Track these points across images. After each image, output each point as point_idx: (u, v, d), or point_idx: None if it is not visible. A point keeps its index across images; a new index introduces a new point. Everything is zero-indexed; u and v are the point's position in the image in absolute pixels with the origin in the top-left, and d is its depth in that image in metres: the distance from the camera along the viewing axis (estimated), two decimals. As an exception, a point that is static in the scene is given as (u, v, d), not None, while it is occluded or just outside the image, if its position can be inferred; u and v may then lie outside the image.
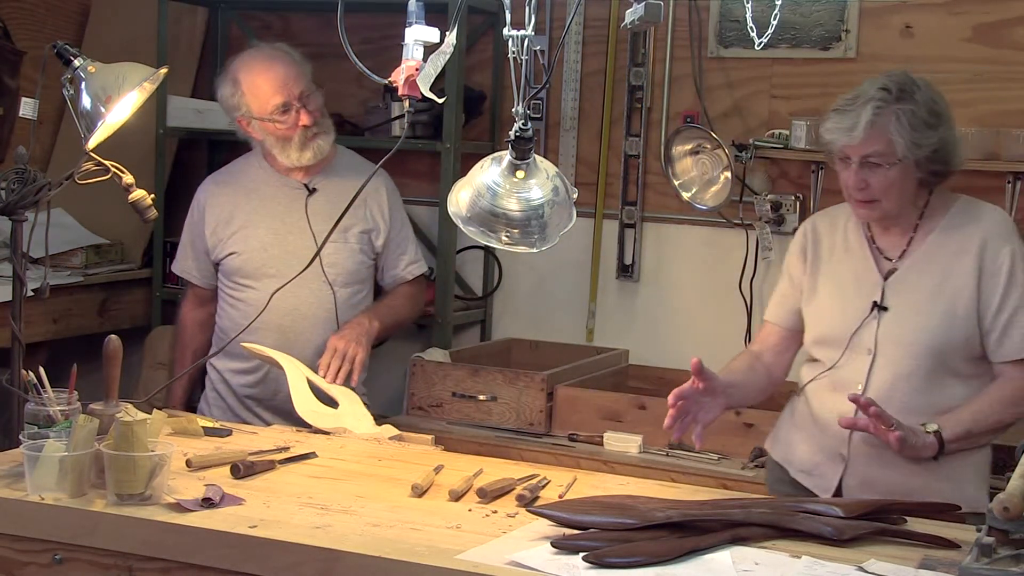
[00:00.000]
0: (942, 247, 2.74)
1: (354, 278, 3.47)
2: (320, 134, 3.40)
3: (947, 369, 2.70)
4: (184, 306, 3.66)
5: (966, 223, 2.74)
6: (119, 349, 2.53)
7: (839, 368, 2.77)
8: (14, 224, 2.67)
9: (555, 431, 3.77)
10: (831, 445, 2.77)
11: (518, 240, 2.32)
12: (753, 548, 2.10)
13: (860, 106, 2.67)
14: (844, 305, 2.79)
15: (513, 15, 2.24)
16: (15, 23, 4.56)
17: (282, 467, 2.54)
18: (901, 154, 2.65)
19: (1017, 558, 1.92)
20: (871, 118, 2.64)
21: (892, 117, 2.64)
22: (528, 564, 1.97)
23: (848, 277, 2.81)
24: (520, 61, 2.21)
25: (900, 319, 2.72)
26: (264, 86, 3.35)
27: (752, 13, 2.52)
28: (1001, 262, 2.69)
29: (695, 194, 4.03)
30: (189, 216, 3.56)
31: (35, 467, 2.24)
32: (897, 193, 2.70)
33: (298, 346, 3.34)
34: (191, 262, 3.56)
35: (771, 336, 2.98)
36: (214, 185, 3.55)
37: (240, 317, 3.42)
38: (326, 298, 3.40)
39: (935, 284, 2.72)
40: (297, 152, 3.39)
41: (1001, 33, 3.83)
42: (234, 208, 3.46)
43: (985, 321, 2.69)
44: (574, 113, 4.36)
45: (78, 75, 2.70)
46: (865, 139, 2.65)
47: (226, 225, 3.45)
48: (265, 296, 3.35)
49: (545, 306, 4.44)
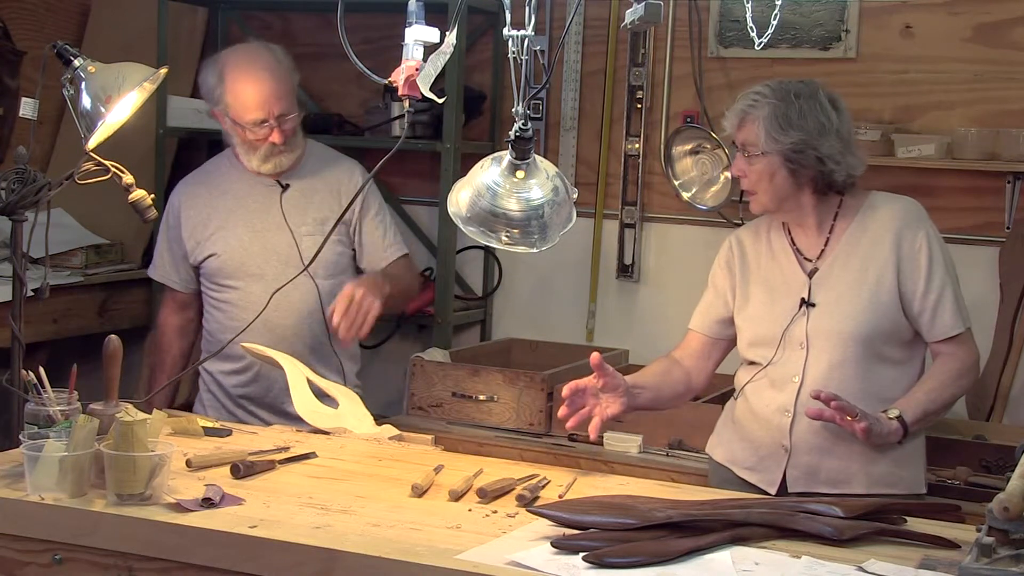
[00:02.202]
0: (858, 241, 2.84)
1: (335, 269, 3.46)
2: (286, 151, 3.39)
3: (877, 356, 2.79)
4: (163, 311, 3.63)
5: (877, 215, 2.85)
6: (119, 349, 2.53)
7: (775, 364, 2.86)
8: (14, 224, 2.66)
9: (555, 431, 3.77)
10: (773, 439, 2.85)
11: (518, 240, 2.32)
12: (753, 548, 2.10)
13: (742, 97, 2.85)
14: (774, 306, 2.88)
15: (513, 15, 2.25)
16: (15, 23, 4.56)
17: (282, 467, 2.54)
18: (762, 147, 2.79)
19: (1017, 558, 1.92)
20: (744, 108, 2.82)
21: (763, 111, 2.79)
22: (528, 564, 1.97)
23: (776, 280, 2.91)
24: (520, 61, 2.21)
25: (828, 312, 2.81)
26: (246, 96, 3.32)
27: (752, 13, 2.52)
28: (919, 246, 2.80)
29: (695, 194, 4.03)
30: (164, 220, 3.53)
31: (35, 467, 2.24)
32: (767, 186, 2.83)
33: (287, 341, 3.34)
34: (169, 267, 3.54)
35: (692, 342, 3.06)
36: (188, 187, 3.52)
37: (225, 318, 3.42)
38: (309, 291, 3.39)
39: (856, 275, 2.82)
40: (259, 161, 3.39)
41: (1001, 33, 3.83)
42: (210, 210, 3.45)
43: (914, 305, 2.79)
44: (574, 113, 4.36)
45: (78, 75, 2.70)
46: (738, 126, 2.83)
47: (203, 227, 3.44)
48: (248, 295, 3.37)
49: (545, 306, 4.44)
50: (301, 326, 3.40)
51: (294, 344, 3.35)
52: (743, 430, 2.94)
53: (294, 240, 3.37)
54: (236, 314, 3.39)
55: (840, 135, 2.82)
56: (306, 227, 3.41)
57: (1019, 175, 3.74)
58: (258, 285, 3.36)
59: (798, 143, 2.78)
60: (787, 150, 2.78)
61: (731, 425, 3.00)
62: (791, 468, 2.82)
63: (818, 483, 2.79)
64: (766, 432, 2.87)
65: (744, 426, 2.94)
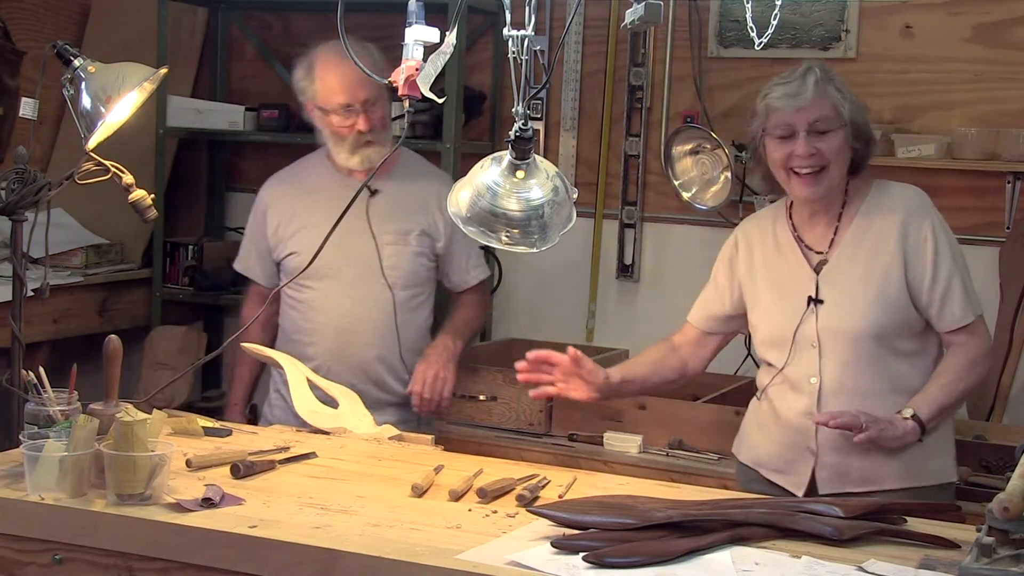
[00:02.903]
0: (865, 233, 2.82)
1: (414, 280, 3.44)
2: (374, 143, 3.36)
3: (891, 350, 2.78)
4: (246, 305, 3.60)
5: (883, 206, 2.83)
6: (119, 349, 2.52)
7: (790, 366, 2.84)
8: (14, 224, 2.66)
9: (555, 431, 3.77)
10: (798, 441, 2.83)
11: (518, 240, 2.32)
12: (753, 548, 2.10)
13: (801, 76, 2.78)
14: (782, 305, 2.86)
15: (513, 15, 2.24)
16: (15, 23, 4.56)
17: (282, 467, 2.54)
18: (848, 116, 2.76)
19: (1017, 558, 1.92)
20: (817, 81, 2.75)
21: (830, 85, 2.77)
22: (528, 564, 1.97)
23: (784, 277, 2.89)
24: (520, 61, 2.21)
25: (837, 309, 2.79)
26: (333, 81, 3.32)
27: (752, 13, 2.52)
28: (924, 236, 2.78)
29: (695, 194, 4.03)
30: (252, 215, 3.54)
31: (35, 467, 2.24)
32: (842, 161, 2.79)
33: (356, 348, 3.34)
34: (253, 261, 3.53)
35: (689, 333, 3.08)
36: (277, 184, 3.51)
37: (300, 318, 3.40)
38: (385, 301, 3.37)
39: (864, 270, 2.79)
40: (347, 153, 3.35)
41: (1001, 33, 3.83)
42: (296, 208, 3.43)
43: (922, 296, 2.77)
44: (574, 113, 4.36)
45: (78, 75, 2.70)
46: (814, 101, 2.74)
47: (287, 224, 3.42)
48: (324, 298, 3.35)
49: (545, 306, 4.44)
50: (372, 334, 3.38)
51: (363, 351, 3.34)
52: (768, 433, 2.91)
53: (376, 247, 3.35)
54: (310, 315, 3.38)
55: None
56: (389, 235, 3.38)
57: (1019, 175, 3.74)
58: (335, 288, 3.35)
59: (857, 116, 2.78)
60: (851, 122, 2.77)
61: (756, 427, 2.97)
62: (819, 470, 2.79)
63: (848, 483, 2.76)
64: (791, 435, 2.84)
65: (769, 429, 2.91)
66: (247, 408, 3.61)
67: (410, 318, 3.42)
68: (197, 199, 4.91)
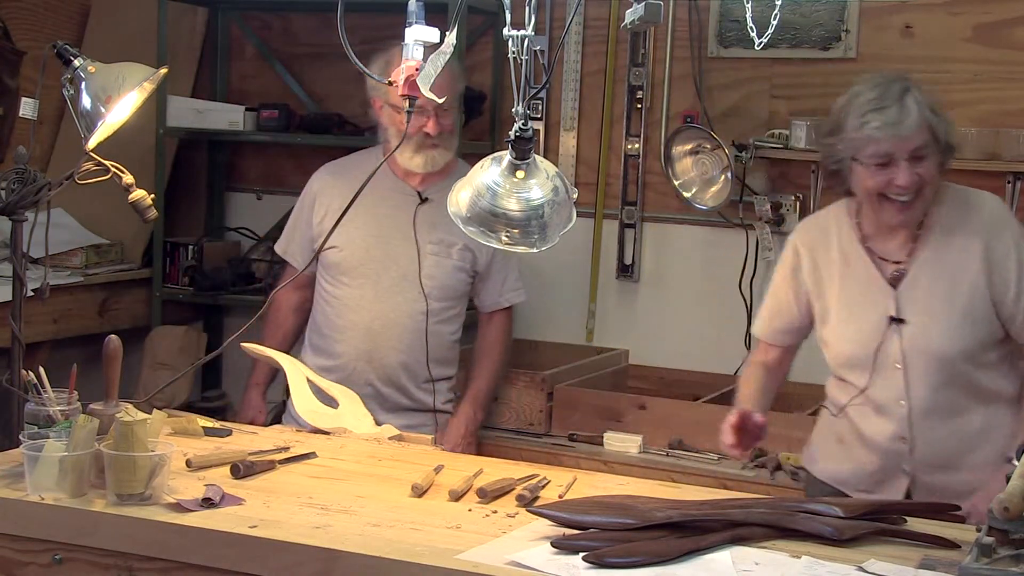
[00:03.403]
0: (947, 245, 2.71)
1: (450, 293, 3.43)
2: (440, 147, 3.35)
3: (976, 364, 2.71)
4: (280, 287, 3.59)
5: (964, 216, 2.72)
6: (119, 349, 2.52)
7: (873, 389, 2.75)
8: (14, 224, 2.66)
9: (555, 431, 3.77)
10: (890, 464, 2.76)
11: (518, 240, 2.31)
12: (753, 548, 2.10)
13: (896, 99, 2.61)
14: (859, 324, 2.75)
15: (513, 15, 2.24)
16: (15, 23, 4.56)
17: (282, 467, 2.53)
18: (944, 138, 2.63)
19: (1017, 558, 1.91)
20: (916, 106, 2.59)
21: (926, 109, 2.62)
22: (528, 564, 1.97)
23: (855, 293, 2.77)
24: (520, 61, 2.21)
25: (923, 330, 2.69)
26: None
27: (752, 13, 2.52)
28: (1007, 249, 2.68)
29: (695, 194, 4.03)
30: (300, 200, 3.53)
31: (35, 467, 2.24)
32: (936, 181, 2.68)
33: (383, 351, 3.34)
34: (295, 245, 3.52)
35: (772, 353, 2.99)
36: (329, 175, 3.50)
37: (333, 314, 3.39)
38: (419, 309, 3.36)
39: (948, 287, 2.69)
40: (411, 152, 3.33)
41: (1001, 33, 3.83)
42: (344, 201, 3.41)
43: (1005, 309, 2.69)
44: (574, 113, 4.36)
45: (78, 75, 2.70)
46: (917, 130, 2.60)
47: (333, 216, 3.39)
48: (360, 297, 3.35)
49: (545, 306, 4.44)
50: (402, 339, 3.37)
51: (389, 355, 3.35)
52: (852, 452, 2.83)
53: (417, 255, 3.34)
54: (344, 313, 3.37)
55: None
56: (431, 245, 3.37)
57: (1019, 175, 3.73)
58: (372, 290, 3.34)
59: (948, 133, 2.67)
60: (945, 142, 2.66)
61: (835, 444, 2.87)
62: (916, 489, 2.73)
63: (948, 497, 2.58)
64: (881, 458, 2.77)
65: (852, 448, 2.82)
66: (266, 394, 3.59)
67: (440, 329, 3.42)
68: (197, 199, 4.91)
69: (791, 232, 2.99)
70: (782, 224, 4.06)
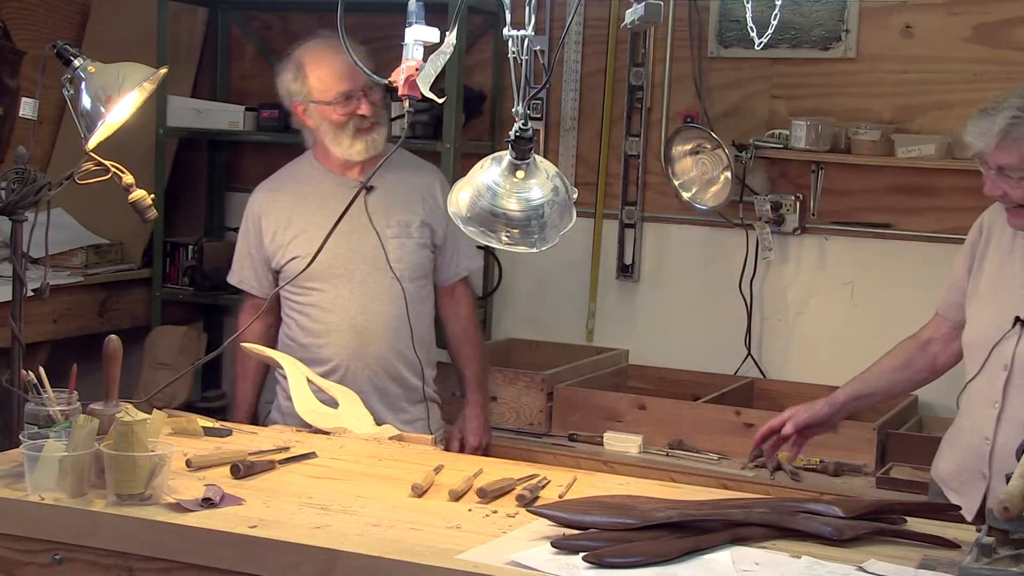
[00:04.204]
0: None
1: (419, 272, 3.43)
2: (376, 126, 3.35)
3: None
4: (241, 317, 3.55)
5: None
6: (119, 349, 2.52)
7: (979, 380, 2.70)
8: (14, 224, 2.66)
9: (555, 431, 3.77)
10: (973, 463, 2.72)
11: (518, 240, 2.31)
12: (753, 548, 2.10)
13: (998, 112, 2.57)
14: (993, 312, 2.70)
15: (513, 15, 2.24)
16: (15, 23, 4.56)
17: (282, 467, 2.53)
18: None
19: (1017, 558, 1.91)
20: (1005, 127, 2.54)
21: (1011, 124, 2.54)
22: (528, 564, 1.97)
23: (1003, 279, 2.72)
24: (520, 61, 2.21)
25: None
26: (330, 71, 3.30)
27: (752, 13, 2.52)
28: None
29: (695, 194, 4.03)
30: (243, 226, 3.49)
31: (35, 467, 2.24)
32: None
33: (373, 344, 3.34)
34: (248, 272, 3.48)
35: (942, 327, 2.90)
36: (267, 193, 3.47)
37: (310, 321, 3.38)
38: (396, 294, 3.36)
39: None
40: (349, 140, 3.32)
41: (1001, 33, 3.83)
42: (291, 213, 3.41)
43: None
44: (574, 113, 4.36)
45: (78, 75, 2.70)
46: (998, 147, 2.55)
47: (284, 231, 3.39)
48: (336, 297, 3.34)
49: (545, 306, 4.45)
50: (388, 329, 3.37)
51: (380, 347, 3.34)
52: (952, 445, 2.81)
53: (380, 241, 3.35)
54: (322, 317, 3.37)
55: None
56: (391, 229, 3.37)
57: (1019, 175, 3.73)
58: (346, 287, 3.34)
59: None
60: None
61: (946, 437, 2.87)
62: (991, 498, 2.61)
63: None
64: (969, 454, 2.73)
65: (952, 442, 2.81)
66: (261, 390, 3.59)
67: (420, 310, 3.42)
68: (197, 199, 4.91)
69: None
70: (782, 224, 4.06)
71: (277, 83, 3.44)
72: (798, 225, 4.05)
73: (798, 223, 4.05)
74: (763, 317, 4.14)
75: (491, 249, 4.39)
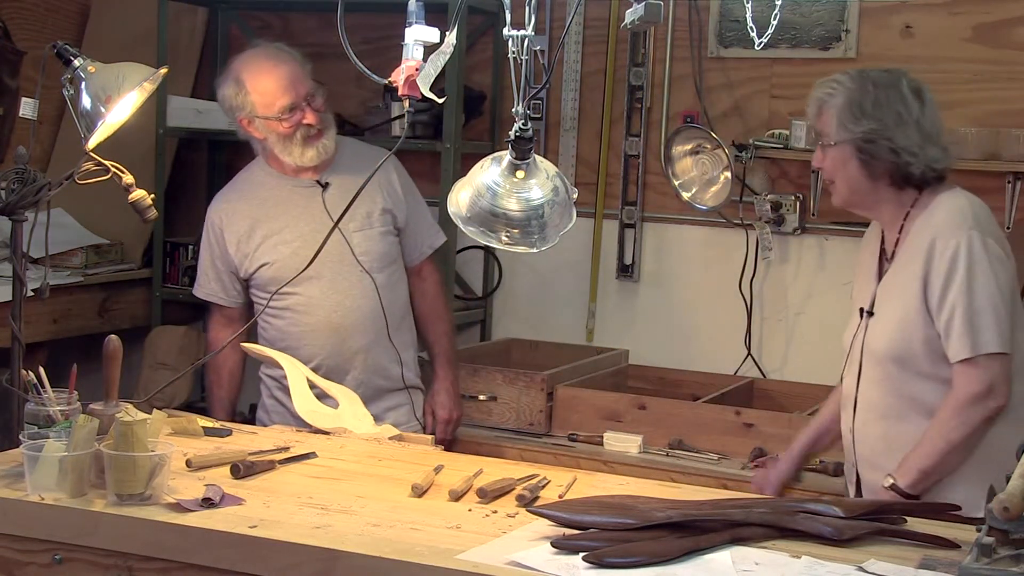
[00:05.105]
0: (912, 246, 2.71)
1: (387, 260, 3.45)
2: (324, 130, 3.37)
3: (913, 371, 2.68)
4: (212, 329, 3.57)
5: (928, 218, 2.71)
6: (119, 349, 2.53)
7: (846, 378, 2.82)
8: (14, 224, 2.66)
9: (555, 431, 3.77)
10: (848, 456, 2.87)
11: (518, 240, 2.31)
12: (753, 548, 2.10)
13: (824, 85, 2.80)
14: (853, 311, 2.83)
15: (513, 15, 2.24)
16: (15, 23, 4.56)
17: (282, 467, 2.54)
18: (834, 136, 2.73)
19: (1017, 558, 1.91)
20: (821, 96, 2.78)
21: (838, 99, 2.74)
22: (528, 564, 1.97)
23: (860, 282, 2.85)
24: (520, 61, 2.21)
25: (872, 327, 2.75)
26: (271, 86, 3.32)
27: (752, 13, 2.52)
28: (945, 259, 2.62)
29: (695, 194, 4.03)
30: (205, 238, 3.49)
31: (35, 467, 2.24)
32: (841, 176, 2.76)
33: (352, 340, 3.35)
34: (215, 284, 3.48)
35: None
36: (225, 203, 3.48)
37: (287, 324, 3.39)
38: (368, 286, 3.38)
39: (900, 288, 2.71)
40: (299, 149, 3.35)
41: (1001, 33, 3.83)
42: (252, 221, 3.41)
43: (936, 322, 2.64)
44: (574, 113, 4.36)
45: (78, 75, 2.70)
46: (815, 115, 2.80)
47: (248, 239, 3.40)
48: (309, 299, 3.35)
49: (545, 306, 4.44)
50: (364, 322, 3.39)
51: (358, 341, 3.36)
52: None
53: (343, 237, 3.35)
54: (298, 319, 3.37)
55: (920, 126, 2.69)
56: (354, 223, 3.37)
57: (1019, 175, 3.74)
58: (317, 288, 3.35)
59: (869, 133, 2.68)
60: (858, 139, 2.69)
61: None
62: (863, 485, 2.79)
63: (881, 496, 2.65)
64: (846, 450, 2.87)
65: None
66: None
67: (393, 298, 3.44)
68: (197, 199, 4.90)
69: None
70: (782, 224, 4.06)
71: (218, 98, 3.45)
72: (798, 225, 4.05)
73: (798, 223, 4.04)
74: (763, 317, 4.14)
75: (491, 249, 4.39)
